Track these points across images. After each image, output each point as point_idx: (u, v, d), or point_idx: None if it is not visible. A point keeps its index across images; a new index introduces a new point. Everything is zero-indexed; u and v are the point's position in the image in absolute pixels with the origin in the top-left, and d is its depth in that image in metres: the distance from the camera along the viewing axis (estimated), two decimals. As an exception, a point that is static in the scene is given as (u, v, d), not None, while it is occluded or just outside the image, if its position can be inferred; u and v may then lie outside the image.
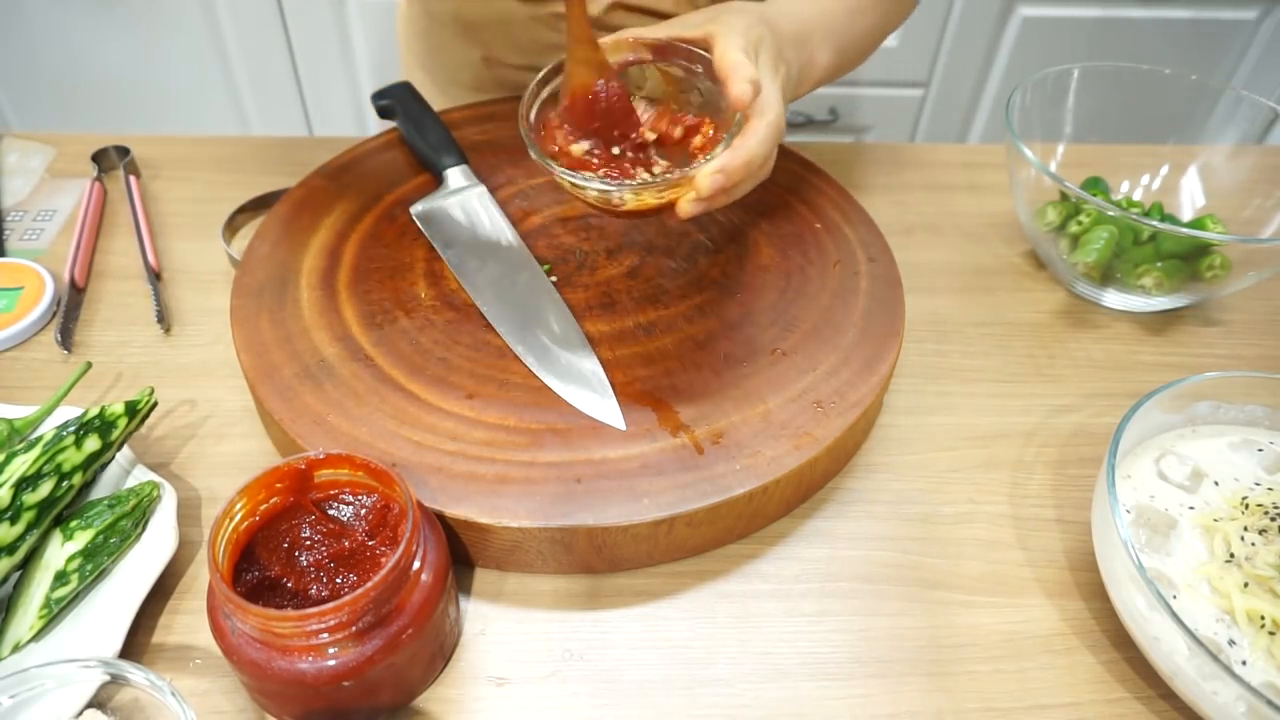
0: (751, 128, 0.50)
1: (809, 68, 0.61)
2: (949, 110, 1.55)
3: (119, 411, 0.49)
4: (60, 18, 1.42)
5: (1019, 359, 0.63)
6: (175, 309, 0.64)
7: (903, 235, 0.72)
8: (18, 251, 0.69)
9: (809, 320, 0.58)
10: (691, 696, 0.45)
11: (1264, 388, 0.52)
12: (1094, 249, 0.63)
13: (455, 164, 0.65)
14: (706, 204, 0.49)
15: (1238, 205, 0.70)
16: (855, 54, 0.66)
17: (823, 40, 0.61)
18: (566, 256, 0.62)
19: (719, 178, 0.48)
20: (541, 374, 0.53)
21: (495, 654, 0.46)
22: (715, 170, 0.48)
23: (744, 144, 0.49)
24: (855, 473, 0.55)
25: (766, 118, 0.50)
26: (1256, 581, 0.44)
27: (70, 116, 1.53)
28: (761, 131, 0.49)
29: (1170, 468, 0.50)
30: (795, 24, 0.59)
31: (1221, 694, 0.40)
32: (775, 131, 0.50)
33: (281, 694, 0.40)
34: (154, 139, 0.79)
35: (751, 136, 0.49)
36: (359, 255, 0.61)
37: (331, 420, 0.51)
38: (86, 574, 0.45)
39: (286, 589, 0.42)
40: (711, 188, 0.48)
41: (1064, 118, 0.74)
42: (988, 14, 1.42)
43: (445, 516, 0.47)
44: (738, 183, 0.49)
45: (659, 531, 0.47)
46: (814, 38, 0.61)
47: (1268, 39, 1.46)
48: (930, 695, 0.45)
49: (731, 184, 0.49)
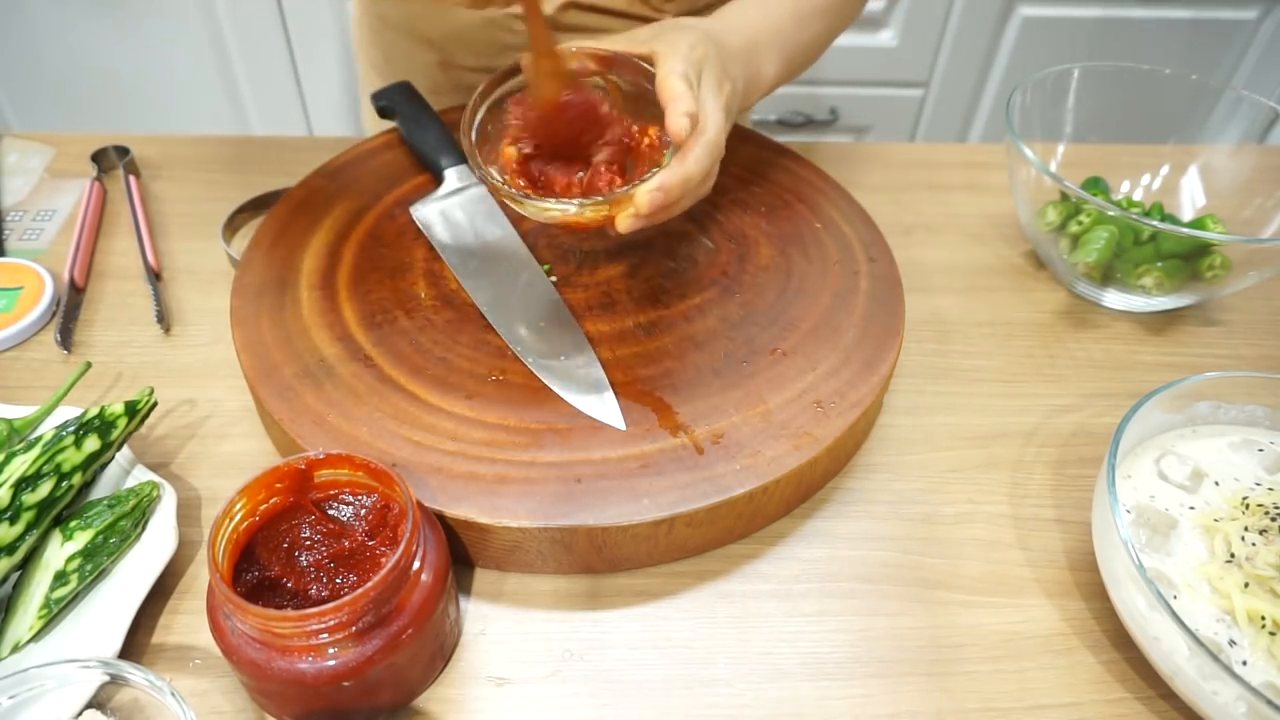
0: (688, 147, 0.51)
1: (756, 79, 0.61)
2: (949, 110, 1.55)
3: (119, 411, 0.49)
4: (60, 18, 1.42)
5: (1019, 359, 0.63)
6: (175, 309, 0.64)
7: (903, 235, 0.72)
8: (17, 251, 0.69)
9: (809, 320, 0.58)
10: (691, 696, 0.45)
11: (1264, 388, 0.52)
12: (1094, 249, 0.63)
13: (455, 164, 0.65)
14: (646, 220, 0.51)
15: (1238, 205, 0.70)
16: (804, 60, 0.67)
17: (770, 50, 0.62)
18: (566, 256, 0.62)
19: (658, 195, 0.49)
20: (541, 374, 0.53)
21: (495, 654, 0.46)
22: (654, 188, 0.49)
23: (682, 163, 0.50)
24: (855, 473, 0.55)
25: (704, 137, 0.51)
26: (1257, 581, 0.44)
27: (70, 116, 1.53)
28: (697, 150, 0.51)
29: (1170, 468, 0.50)
30: (742, 37, 0.60)
31: (1222, 694, 0.40)
32: (712, 150, 0.52)
33: (281, 694, 0.40)
34: (154, 139, 0.79)
35: (689, 155, 0.51)
36: (359, 255, 0.61)
37: (331, 420, 0.51)
38: (86, 574, 0.45)
39: (286, 589, 0.42)
40: (651, 205, 0.49)
41: (1064, 118, 0.74)
42: (988, 14, 1.42)
43: (445, 516, 0.47)
44: (676, 200, 0.51)
45: (659, 531, 0.47)
46: (761, 49, 0.61)
47: (1268, 39, 1.46)
48: (930, 695, 0.45)
49: (670, 201, 0.50)
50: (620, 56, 0.54)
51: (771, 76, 0.63)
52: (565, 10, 0.74)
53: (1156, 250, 0.63)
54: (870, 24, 1.45)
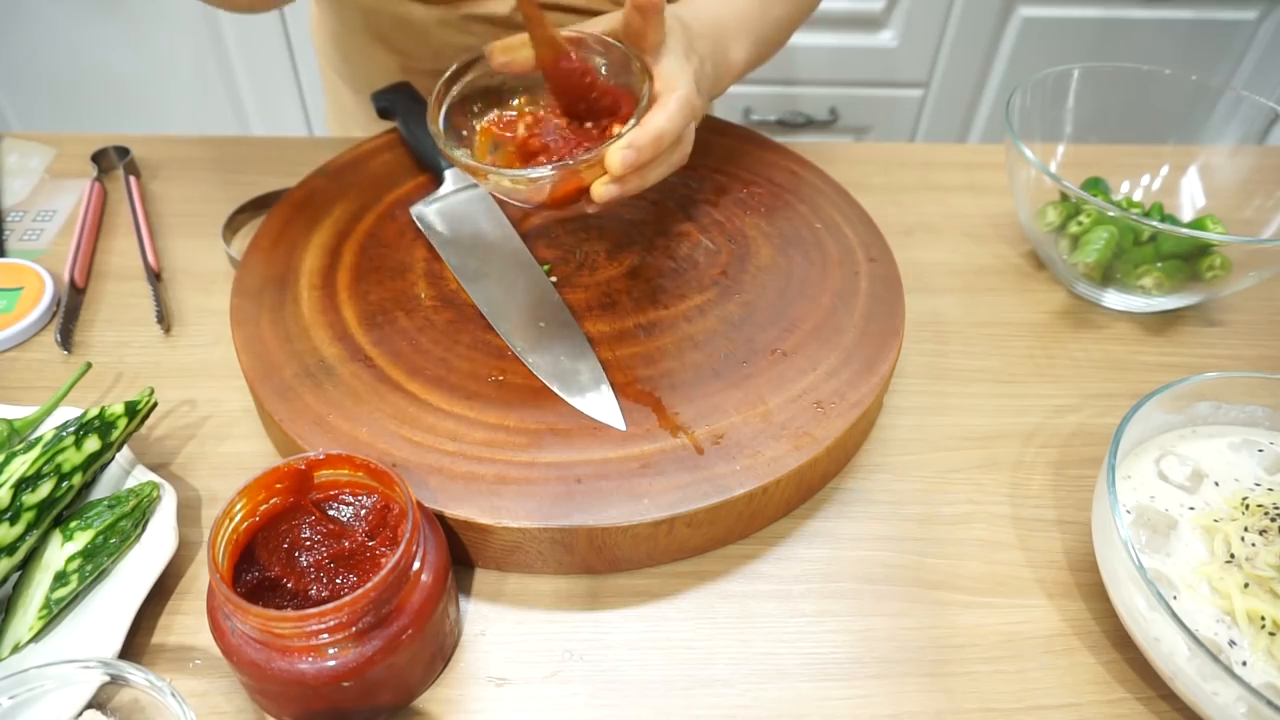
0: (660, 103, 0.49)
1: (725, 63, 0.61)
2: (949, 110, 1.55)
3: (119, 412, 0.49)
4: (60, 18, 1.42)
5: (1019, 359, 0.63)
6: (175, 309, 0.64)
7: (903, 235, 0.72)
8: (18, 252, 0.69)
9: (809, 320, 0.58)
10: (691, 697, 0.45)
11: (1264, 388, 0.52)
12: (1094, 249, 0.63)
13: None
14: (620, 185, 0.49)
15: (1238, 205, 0.70)
16: (772, 44, 0.67)
17: (737, 35, 0.62)
18: (566, 256, 0.62)
19: (629, 153, 0.47)
20: (541, 374, 0.53)
21: (495, 654, 0.46)
22: (624, 146, 0.47)
23: (653, 119, 0.48)
24: (855, 473, 0.55)
25: (677, 93, 0.49)
26: (1257, 582, 0.44)
27: (70, 116, 1.53)
28: (670, 106, 0.49)
29: (1170, 468, 0.50)
30: (706, 23, 0.59)
31: (1222, 695, 0.40)
32: (686, 107, 0.50)
33: (281, 694, 0.40)
34: (154, 139, 0.79)
35: (660, 111, 0.49)
36: (359, 255, 0.61)
37: (331, 420, 0.51)
38: (86, 574, 0.45)
39: (286, 589, 0.42)
40: (623, 163, 0.47)
41: (1064, 118, 0.74)
42: (988, 14, 1.42)
43: (445, 517, 0.47)
44: (648, 160, 0.48)
45: (659, 532, 0.47)
46: (727, 33, 0.61)
47: (1268, 39, 1.46)
48: (931, 696, 0.45)
49: (642, 160, 0.48)
50: (588, 36, 0.53)
51: (741, 60, 0.63)
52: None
53: (1156, 250, 0.63)
54: (870, 24, 1.45)
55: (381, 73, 0.80)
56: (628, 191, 0.50)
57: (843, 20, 1.44)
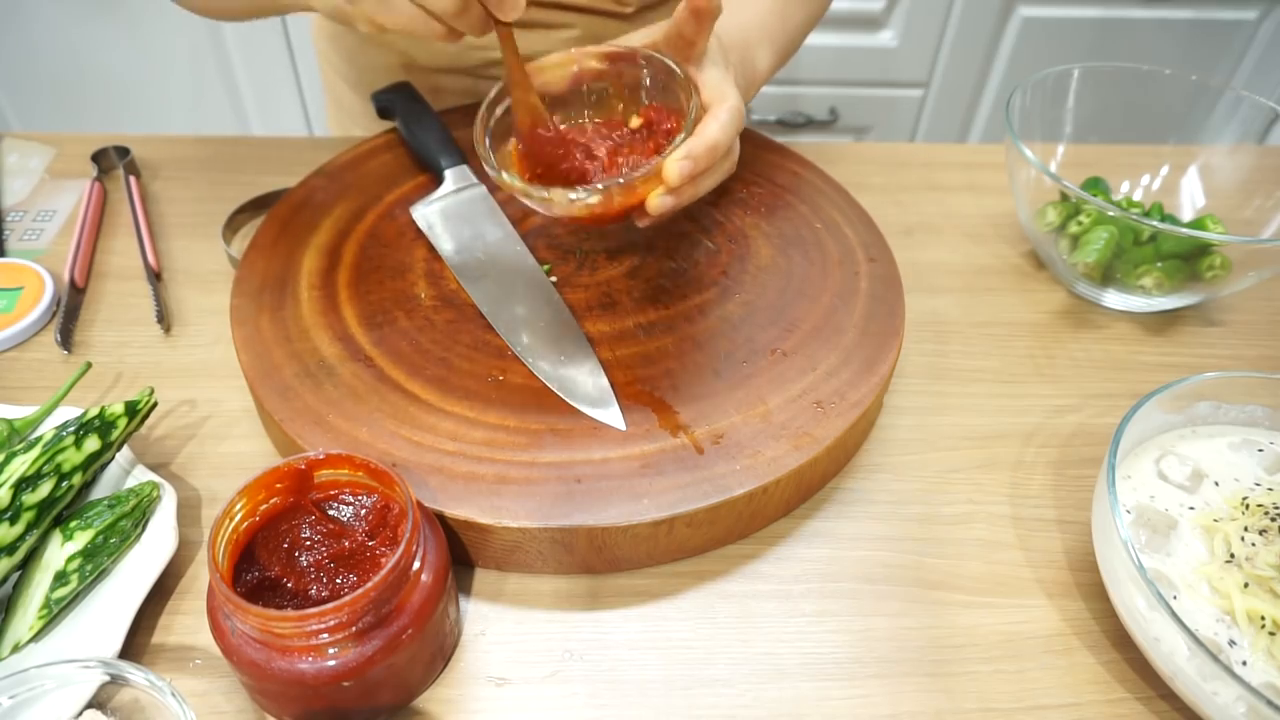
0: (713, 114, 0.50)
1: (752, 71, 0.62)
2: (949, 110, 1.55)
3: (119, 412, 0.49)
4: (60, 18, 1.42)
5: (1019, 359, 0.63)
6: (175, 309, 0.64)
7: (903, 235, 0.72)
8: (18, 251, 0.69)
9: (809, 320, 0.58)
10: (691, 696, 0.45)
11: (1264, 388, 0.52)
12: (1094, 249, 0.63)
13: (454, 164, 0.65)
14: (675, 196, 0.49)
15: (1238, 205, 0.70)
16: (791, 50, 0.68)
17: (760, 43, 0.63)
18: (566, 256, 0.62)
19: (686, 164, 0.47)
20: (541, 374, 0.53)
21: (495, 654, 0.46)
22: (681, 157, 0.47)
23: (706, 129, 0.49)
24: (855, 473, 0.55)
25: (727, 103, 0.50)
26: (1257, 582, 0.44)
27: (70, 116, 1.53)
28: (723, 116, 0.49)
29: (1170, 468, 0.50)
30: (733, 33, 0.60)
31: (1222, 694, 0.40)
32: (736, 117, 0.50)
33: (281, 694, 0.40)
34: (154, 139, 0.79)
35: (713, 121, 0.49)
36: (359, 255, 0.61)
37: (331, 420, 0.51)
38: (86, 574, 0.45)
39: (286, 589, 0.42)
40: (680, 174, 0.47)
41: (1064, 118, 0.74)
42: (988, 14, 1.42)
43: (445, 517, 0.47)
44: (704, 170, 0.49)
45: (659, 532, 0.47)
46: (752, 43, 0.62)
47: (1268, 39, 1.46)
48: (930, 695, 0.45)
49: (698, 170, 0.48)
50: (629, 50, 0.53)
51: (766, 68, 0.64)
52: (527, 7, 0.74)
53: (1156, 250, 0.63)
54: (870, 24, 1.45)
55: (381, 73, 0.80)
56: (682, 203, 0.50)
57: (843, 20, 1.44)
